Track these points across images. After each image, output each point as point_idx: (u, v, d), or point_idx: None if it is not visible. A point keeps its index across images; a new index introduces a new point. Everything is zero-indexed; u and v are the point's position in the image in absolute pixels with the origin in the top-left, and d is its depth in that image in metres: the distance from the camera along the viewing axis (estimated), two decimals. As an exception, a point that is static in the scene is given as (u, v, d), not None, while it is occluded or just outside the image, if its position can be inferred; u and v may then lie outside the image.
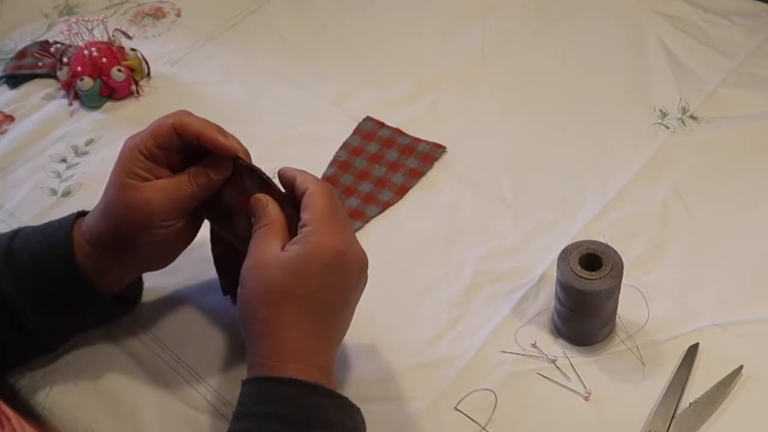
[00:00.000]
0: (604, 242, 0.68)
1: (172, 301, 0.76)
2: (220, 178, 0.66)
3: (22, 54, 1.05)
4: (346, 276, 0.62)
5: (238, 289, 0.61)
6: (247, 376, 0.60)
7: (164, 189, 0.65)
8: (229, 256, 0.69)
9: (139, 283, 0.75)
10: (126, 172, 0.65)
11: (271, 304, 0.59)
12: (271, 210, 0.64)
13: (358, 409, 0.60)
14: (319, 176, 0.87)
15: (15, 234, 0.68)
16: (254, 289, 0.60)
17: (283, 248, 0.61)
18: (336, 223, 0.62)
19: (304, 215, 0.62)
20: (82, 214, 0.69)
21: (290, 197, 0.65)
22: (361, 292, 0.64)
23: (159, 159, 0.66)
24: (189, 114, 0.67)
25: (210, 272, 0.73)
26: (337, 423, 0.58)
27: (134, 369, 0.72)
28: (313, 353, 0.60)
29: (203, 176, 0.66)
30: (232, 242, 0.69)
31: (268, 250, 0.61)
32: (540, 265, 0.77)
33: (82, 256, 0.66)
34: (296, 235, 0.62)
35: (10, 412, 0.59)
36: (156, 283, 0.76)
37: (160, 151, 0.65)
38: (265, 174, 0.66)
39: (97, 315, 0.71)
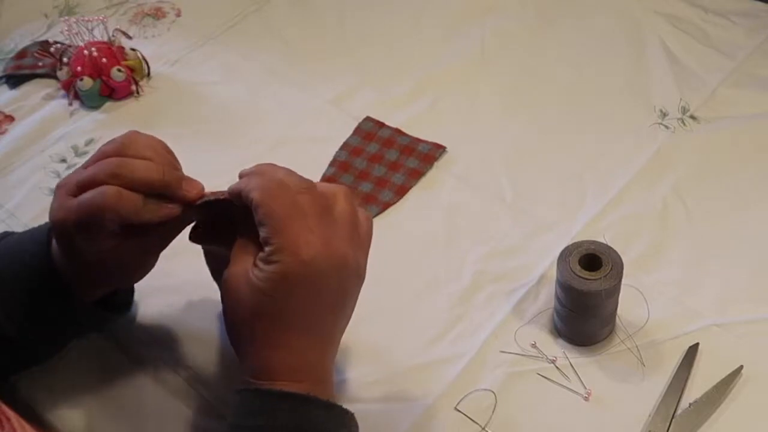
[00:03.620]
0: (604, 242, 0.68)
1: (171, 302, 0.76)
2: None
3: (22, 54, 1.05)
4: (324, 283, 0.57)
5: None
6: (238, 385, 0.58)
7: None
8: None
9: (130, 292, 0.73)
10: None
11: (252, 325, 0.57)
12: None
13: (353, 414, 0.59)
14: (319, 176, 0.87)
15: None
16: (232, 309, 0.58)
17: (256, 257, 0.57)
18: (298, 229, 0.55)
19: (261, 231, 0.56)
20: None
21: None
22: (354, 289, 0.60)
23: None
24: (118, 197, 0.58)
25: (209, 272, 0.73)
26: None
27: (134, 369, 0.72)
28: (304, 367, 0.57)
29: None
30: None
31: (241, 266, 0.57)
32: (540, 265, 0.77)
33: (59, 263, 0.63)
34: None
35: (10, 413, 0.59)
36: (155, 283, 0.76)
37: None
38: (219, 196, 0.61)
39: (81, 322, 0.68)
